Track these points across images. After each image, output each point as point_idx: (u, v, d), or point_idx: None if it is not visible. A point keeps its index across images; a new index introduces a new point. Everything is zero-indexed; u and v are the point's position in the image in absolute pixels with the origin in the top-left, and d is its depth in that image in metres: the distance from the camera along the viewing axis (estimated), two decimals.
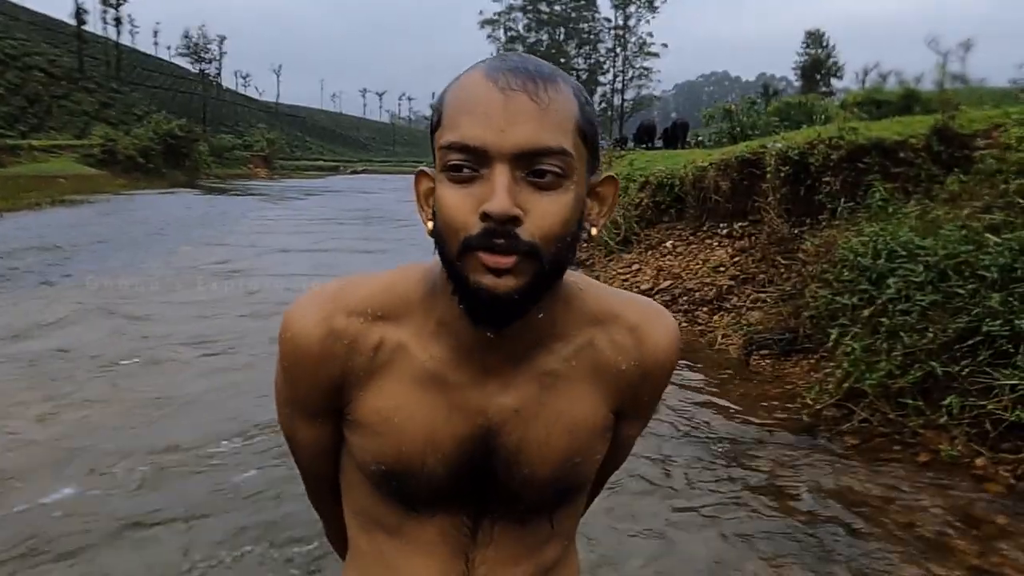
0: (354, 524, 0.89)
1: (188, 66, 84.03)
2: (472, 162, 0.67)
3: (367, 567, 0.88)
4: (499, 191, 0.65)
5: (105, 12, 66.90)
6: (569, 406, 0.80)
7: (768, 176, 6.48)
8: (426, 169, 0.76)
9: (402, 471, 0.79)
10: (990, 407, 3.56)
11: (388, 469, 0.80)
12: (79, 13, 56.24)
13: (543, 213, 0.67)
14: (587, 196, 0.73)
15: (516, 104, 0.66)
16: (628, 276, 8.32)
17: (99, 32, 69.65)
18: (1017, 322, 3.58)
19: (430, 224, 0.73)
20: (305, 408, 0.84)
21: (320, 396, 0.81)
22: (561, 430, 0.80)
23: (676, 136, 18.52)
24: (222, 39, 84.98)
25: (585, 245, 11.09)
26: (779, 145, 6.46)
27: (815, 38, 58.05)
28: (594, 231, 0.75)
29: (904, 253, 4.33)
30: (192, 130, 41.33)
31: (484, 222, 0.66)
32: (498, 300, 0.67)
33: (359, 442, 0.81)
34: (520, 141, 0.66)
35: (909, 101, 13.93)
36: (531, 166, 0.67)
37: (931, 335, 3.91)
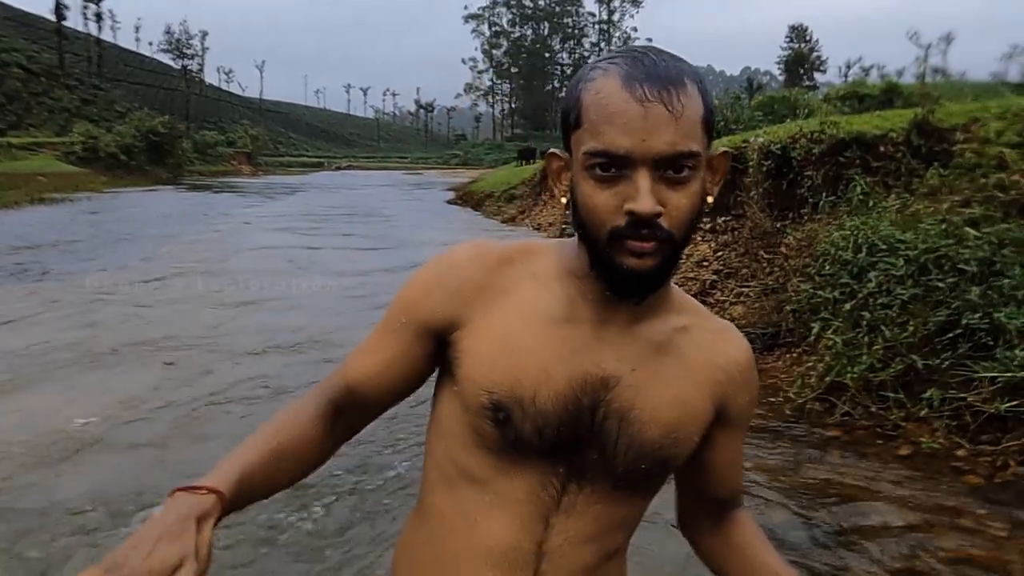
0: (437, 479, 0.91)
1: (170, 62, 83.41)
2: (615, 165, 0.76)
3: (443, 522, 0.89)
4: (643, 193, 0.75)
5: (85, 8, 66.17)
6: (679, 379, 0.88)
7: (751, 170, 6.49)
8: (556, 151, 0.87)
9: (513, 402, 0.82)
10: (970, 399, 3.59)
11: (500, 398, 0.83)
12: (59, 8, 55.54)
13: (678, 206, 0.77)
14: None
15: (654, 115, 0.75)
16: None
17: (79, 28, 68.90)
18: (996, 315, 3.60)
19: (564, 200, 0.85)
20: (422, 319, 0.89)
21: (444, 307, 0.87)
22: (672, 399, 0.87)
23: None
24: (204, 35, 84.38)
25: None
26: (761, 139, 6.47)
27: (799, 32, 58.43)
28: (710, 199, 0.83)
29: (884, 247, 4.35)
30: (175, 127, 40.91)
31: (630, 217, 0.76)
32: (641, 276, 0.78)
33: (471, 371, 0.85)
34: (660, 148, 0.75)
35: (891, 95, 14.05)
36: (668, 167, 0.76)
37: (912, 328, 3.93)
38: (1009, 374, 3.44)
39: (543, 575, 0.86)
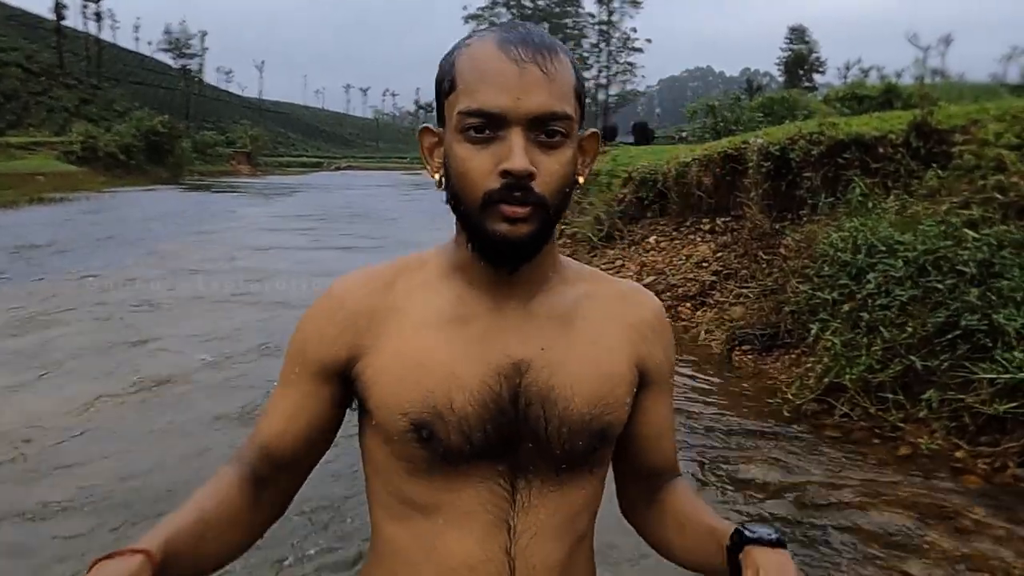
0: (384, 516, 0.87)
1: (170, 62, 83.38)
2: (490, 126, 0.76)
3: (400, 556, 0.85)
4: (517, 152, 0.75)
5: (85, 7, 66.08)
6: (592, 347, 0.86)
7: (750, 171, 6.50)
8: (430, 126, 0.86)
9: (432, 416, 0.79)
10: (969, 401, 3.59)
11: (416, 416, 0.80)
12: (58, 8, 55.52)
13: (550, 170, 0.77)
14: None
15: (529, 75, 0.75)
16: (611, 272, 8.32)
17: (79, 27, 68.82)
18: (995, 316, 3.61)
19: (437, 176, 0.83)
20: (317, 363, 0.86)
21: (336, 345, 0.85)
22: (590, 369, 0.84)
23: (642, 136, 20.31)
24: (204, 34, 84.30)
25: (568, 242, 11.07)
26: (760, 140, 6.47)
27: (798, 34, 58.49)
28: (580, 179, 0.84)
29: (883, 248, 4.35)
30: (174, 127, 40.86)
31: (504, 178, 0.75)
32: (514, 244, 0.77)
33: (382, 399, 0.82)
34: (534, 108, 0.75)
35: (890, 96, 14.04)
36: (542, 129, 0.76)
37: (910, 329, 3.93)
38: (1008, 376, 3.44)
39: None
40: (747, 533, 0.80)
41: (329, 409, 0.88)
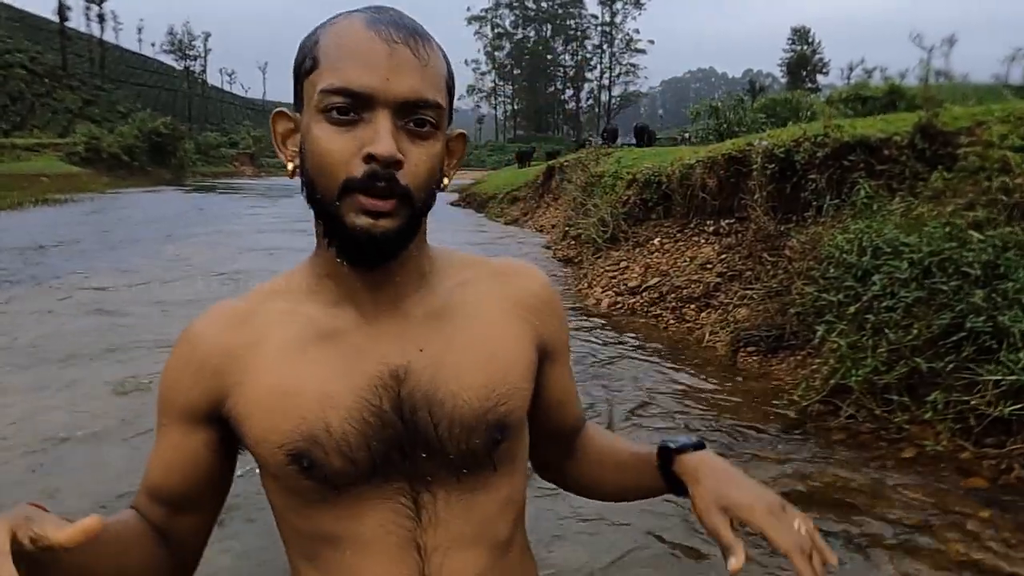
0: (295, 555, 0.83)
1: (173, 63, 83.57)
2: (355, 106, 0.69)
3: None
4: (384, 135, 0.68)
5: (88, 9, 66.32)
6: (478, 336, 0.80)
7: (754, 173, 6.51)
8: (285, 110, 0.79)
9: (308, 443, 0.73)
10: (974, 402, 3.60)
11: (292, 447, 0.74)
12: (62, 10, 55.69)
13: (418, 160, 0.71)
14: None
15: (400, 56, 0.70)
16: (616, 273, 8.34)
17: (82, 29, 69.03)
18: (1000, 318, 3.61)
19: (291, 165, 0.77)
20: (180, 410, 0.80)
21: (197, 387, 0.79)
22: (476, 359, 0.79)
23: (642, 138, 20.76)
24: (207, 36, 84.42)
25: (572, 243, 11.09)
26: (765, 143, 6.48)
27: (801, 35, 58.42)
28: (446, 181, 0.78)
29: (889, 250, 4.36)
30: (177, 128, 40.97)
31: (368, 164, 0.68)
32: (375, 240, 0.70)
33: (255, 433, 0.76)
34: (405, 91, 0.69)
35: (894, 97, 14.04)
36: (411, 115, 0.70)
37: (916, 331, 3.94)
38: (1013, 377, 3.44)
39: None
40: (671, 445, 0.85)
41: (207, 453, 0.81)
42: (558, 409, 0.93)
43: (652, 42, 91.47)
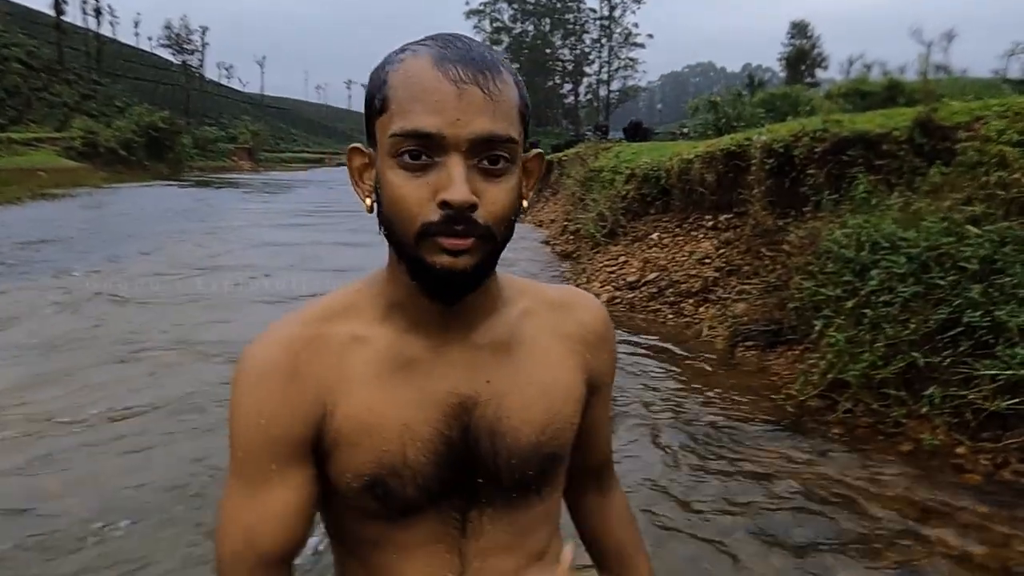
0: (340, 550, 0.87)
1: (170, 57, 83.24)
2: (426, 150, 0.69)
3: None
4: (458, 181, 0.68)
5: (84, 2, 66.06)
6: (538, 370, 0.83)
7: (753, 168, 6.51)
8: (360, 146, 0.79)
9: (386, 474, 0.76)
10: (971, 397, 3.61)
11: (371, 477, 0.77)
12: (58, 3, 55.39)
13: (495, 199, 0.70)
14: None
15: (469, 97, 0.69)
16: (615, 268, 8.34)
17: (79, 23, 68.77)
18: (997, 313, 3.62)
19: (368, 201, 0.77)
20: (281, 445, 0.76)
21: (297, 420, 0.76)
22: (536, 393, 0.82)
23: (634, 134, 20.60)
24: (204, 30, 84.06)
25: (571, 238, 11.09)
26: (764, 137, 6.49)
27: (800, 29, 58.26)
28: (524, 203, 0.78)
29: (887, 245, 4.36)
30: (175, 122, 40.89)
31: (444, 210, 0.68)
32: (455, 277, 0.71)
33: (339, 464, 0.77)
34: (475, 131, 0.69)
35: (893, 92, 14.04)
36: (483, 154, 0.70)
37: (913, 326, 3.95)
38: (1010, 372, 3.46)
39: None
40: None
41: (315, 491, 0.79)
42: (586, 438, 0.94)
43: (651, 36, 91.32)
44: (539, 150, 0.81)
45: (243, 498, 0.77)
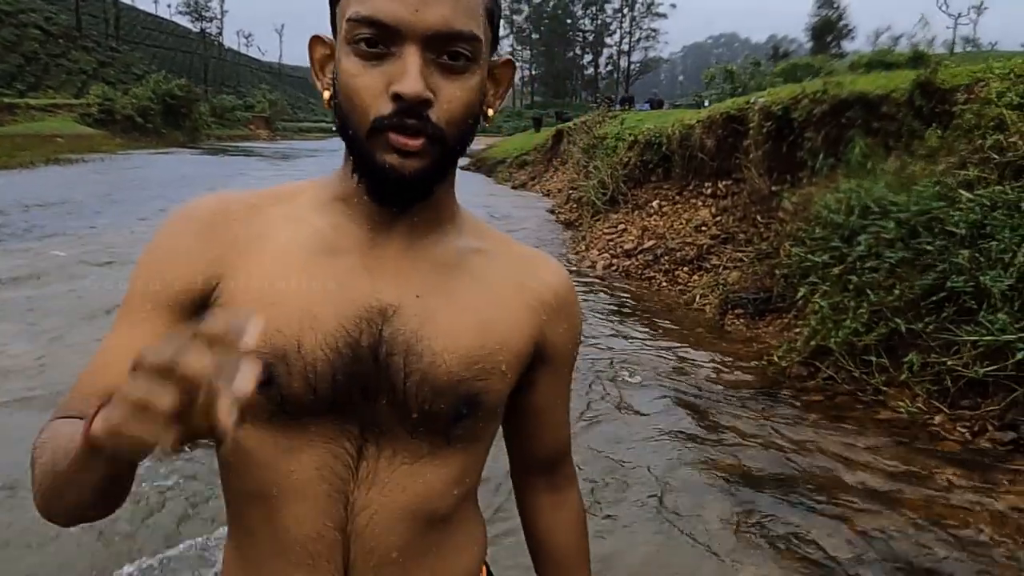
0: (232, 496, 0.78)
1: (189, 25, 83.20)
2: (383, 39, 0.65)
3: (245, 529, 0.77)
4: (412, 72, 0.64)
5: None
6: (478, 302, 0.76)
7: (751, 132, 6.36)
8: (322, 36, 0.74)
9: (274, 356, 0.69)
10: (951, 364, 3.52)
11: (259, 358, 0.68)
12: None
13: (451, 97, 0.67)
14: (487, 77, 0.72)
15: None
16: (613, 236, 8.25)
17: None
18: (982, 278, 3.51)
19: (327, 94, 0.72)
20: (175, 292, 0.72)
21: (197, 271, 0.72)
22: (470, 323, 0.74)
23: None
24: None
25: (574, 206, 10.97)
26: (763, 100, 6.32)
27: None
28: (490, 112, 0.74)
29: (877, 210, 4.25)
30: (192, 90, 40.85)
31: (395, 102, 0.65)
32: (403, 179, 0.67)
33: None
34: (435, 23, 0.65)
35: (917, 64, 13.67)
36: (442, 49, 0.66)
37: (898, 292, 3.85)
38: (991, 337, 3.36)
39: (354, 564, 0.74)
40: None
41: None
42: (536, 419, 0.87)
43: (674, 6, 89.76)
44: (508, 56, 0.77)
45: (112, 334, 0.74)
